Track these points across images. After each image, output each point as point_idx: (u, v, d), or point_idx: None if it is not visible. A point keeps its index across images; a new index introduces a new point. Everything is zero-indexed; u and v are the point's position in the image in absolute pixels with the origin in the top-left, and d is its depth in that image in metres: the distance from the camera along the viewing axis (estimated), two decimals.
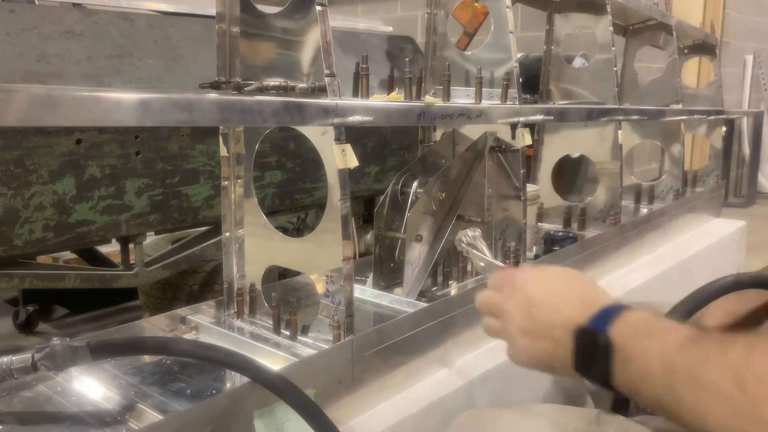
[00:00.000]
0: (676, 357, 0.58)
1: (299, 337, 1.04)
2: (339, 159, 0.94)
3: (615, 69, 1.79)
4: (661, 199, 2.30)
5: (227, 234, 1.14)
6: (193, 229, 2.09)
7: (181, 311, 1.14)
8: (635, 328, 0.63)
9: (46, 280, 1.69)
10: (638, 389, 0.61)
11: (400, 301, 1.23)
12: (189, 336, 1.10)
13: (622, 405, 0.86)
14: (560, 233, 1.70)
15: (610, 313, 0.64)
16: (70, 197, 1.59)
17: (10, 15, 1.58)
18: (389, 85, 1.31)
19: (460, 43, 2.73)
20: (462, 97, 1.46)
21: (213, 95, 0.84)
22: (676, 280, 1.90)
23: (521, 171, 1.38)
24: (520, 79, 1.39)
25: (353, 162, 0.95)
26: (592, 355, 0.64)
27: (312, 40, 0.95)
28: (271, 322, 1.07)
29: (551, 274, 0.76)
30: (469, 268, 1.39)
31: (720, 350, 0.56)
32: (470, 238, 1.11)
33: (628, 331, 0.62)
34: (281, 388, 0.80)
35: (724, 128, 2.74)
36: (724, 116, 2.68)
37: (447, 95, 1.27)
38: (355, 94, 1.11)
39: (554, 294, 0.72)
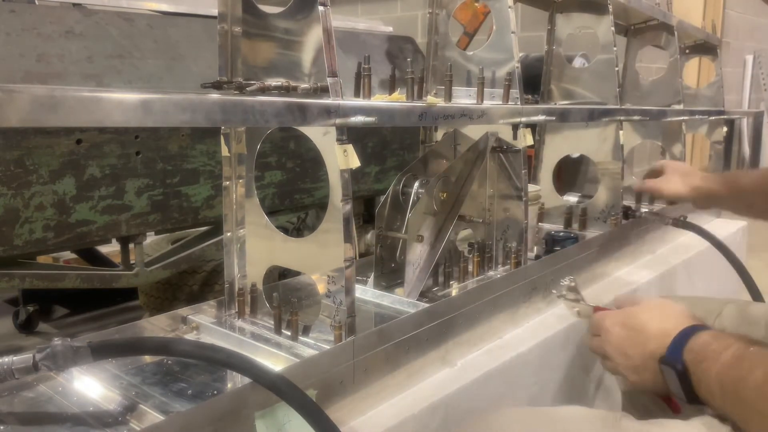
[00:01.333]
0: (725, 378, 0.68)
1: (300, 338, 1.04)
2: (341, 159, 0.93)
3: (616, 69, 1.78)
4: (662, 199, 2.29)
5: (228, 234, 1.14)
6: (193, 229, 2.08)
7: (182, 311, 1.14)
8: (697, 355, 0.73)
9: (46, 280, 1.69)
10: (711, 405, 0.71)
11: (401, 302, 1.23)
12: (190, 336, 1.10)
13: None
14: (561, 233, 1.69)
15: (681, 342, 0.76)
16: (70, 197, 1.59)
17: (10, 15, 1.57)
18: (390, 86, 1.31)
19: (460, 43, 2.73)
20: (463, 98, 1.45)
21: (215, 95, 0.83)
22: (677, 280, 1.90)
23: (523, 171, 1.38)
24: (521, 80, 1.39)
25: (355, 162, 0.94)
26: (676, 381, 0.75)
27: (314, 40, 0.95)
28: (272, 323, 1.07)
29: (634, 312, 0.88)
30: (470, 268, 1.39)
31: (750, 368, 0.65)
32: (566, 288, 1.11)
33: (692, 358, 0.73)
34: (282, 389, 0.79)
35: (725, 128, 2.74)
36: (725, 116, 2.68)
37: (448, 95, 1.26)
38: (357, 94, 1.11)
39: (638, 332, 0.85)
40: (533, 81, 1.86)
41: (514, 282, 1.32)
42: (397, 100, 1.15)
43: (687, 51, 2.58)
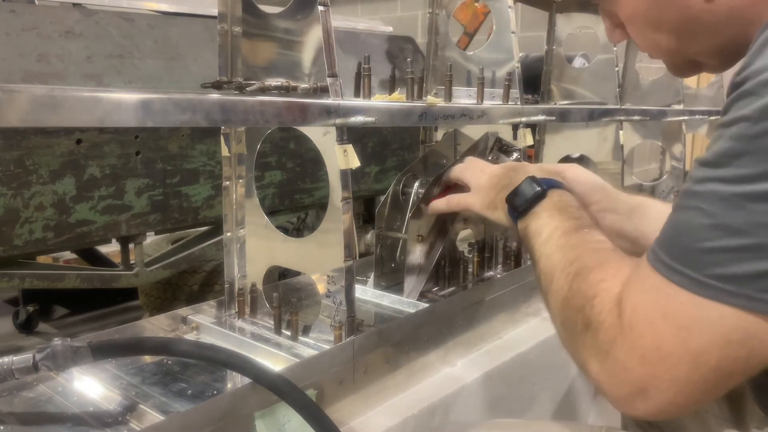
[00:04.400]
0: (557, 240, 0.75)
1: (300, 338, 1.04)
2: (341, 159, 0.93)
3: (616, 69, 1.78)
4: (662, 199, 2.30)
5: (228, 234, 1.14)
6: (193, 229, 2.09)
7: (182, 311, 1.14)
8: (558, 203, 0.81)
9: (46, 280, 1.69)
10: (526, 241, 0.81)
11: (401, 302, 1.23)
12: (190, 336, 1.10)
13: None
14: None
15: (555, 184, 0.84)
16: (70, 197, 1.59)
17: (10, 15, 1.58)
18: (390, 86, 1.30)
19: (460, 43, 2.73)
20: (464, 98, 1.45)
21: (215, 95, 0.83)
22: None
23: None
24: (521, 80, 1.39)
25: (355, 162, 0.94)
26: (525, 196, 0.83)
27: (314, 40, 0.95)
28: (272, 323, 1.07)
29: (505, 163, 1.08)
30: (470, 268, 1.39)
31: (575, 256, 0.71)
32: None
33: (553, 201, 0.81)
34: (282, 389, 0.79)
35: None
36: None
37: (449, 95, 1.26)
38: (357, 94, 1.11)
39: (508, 168, 0.99)
40: (533, 81, 1.86)
41: (514, 282, 1.32)
42: (397, 100, 1.15)
43: None
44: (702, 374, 0.55)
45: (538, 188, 0.83)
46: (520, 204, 0.84)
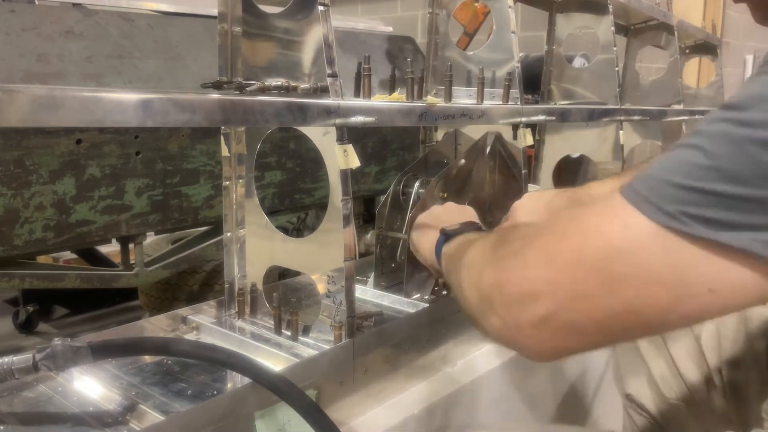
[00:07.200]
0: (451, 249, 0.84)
1: (300, 338, 1.04)
2: (341, 159, 0.93)
3: (616, 69, 1.78)
4: None
5: (228, 234, 1.14)
6: (193, 229, 2.08)
7: (182, 311, 1.14)
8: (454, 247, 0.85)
9: (46, 280, 1.69)
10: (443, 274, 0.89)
11: (402, 302, 1.23)
12: (190, 336, 1.10)
13: None
14: None
15: (463, 227, 0.90)
16: (70, 197, 1.59)
17: (10, 15, 1.57)
18: (390, 86, 1.30)
19: (460, 43, 2.73)
20: (463, 98, 1.45)
21: (215, 95, 0.83)
22: None
23: (523, 171, 1.38)
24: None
25: (355, 162, 0.94)
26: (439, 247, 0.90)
27: (314, 40, 0.95)
28: (272, 323, 1.07)
29: (450, 206, 1.14)
30: None
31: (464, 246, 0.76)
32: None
33: (458, 240, 0.85)
34: (282, 389, 0.79)
35: None
36: None
37: (449, 95, 1.26)
38: (357, 94, 1.11)
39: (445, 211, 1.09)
40: (533, 81, 1.86)
41: None
42: (397, 100, 1.15)
43: (687, 51, 2.58)
44: (608, 306, 0.48)
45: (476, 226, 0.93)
46: (452, 231, 0.90)
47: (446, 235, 0.89)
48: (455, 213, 1.06)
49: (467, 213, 1.08)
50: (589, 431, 0.96)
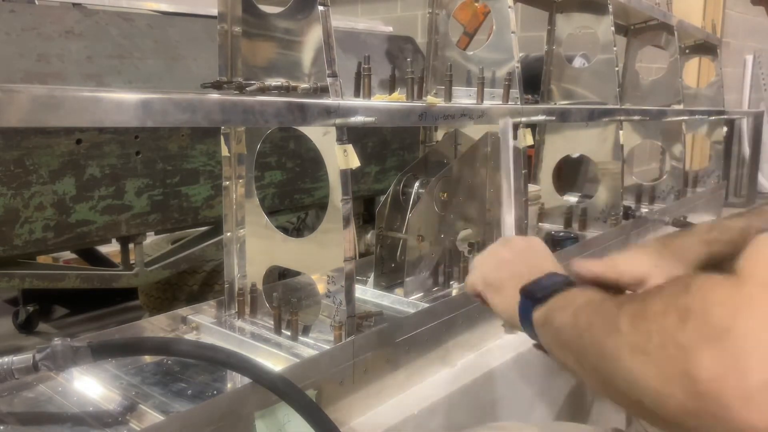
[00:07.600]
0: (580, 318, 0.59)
1: (300, 338, 1.04)
2: (341, 159, 0.93)
3: (616, 69, 1.78)
4: (661, 199, 2.30)
5: (228, 234, 1.14)
6: (193, 229, 2.08)
7: (182, 311, 1.14)
8: (557, 302, 0.67)
9: (46, 280, 1.69)
10: (548, 348, 0.68)
11: (401, 302, 1.23)
12: (190, 336, 1.10)
13: None
14: (561, 233, 1.69)
15: (551, 285, 0.70)
16: (70, 197, 1.59)
17: (10, 15, 1.57)
18: (390, 86, 1.30)
19: (460, 43, 2.73)
20: (463, 97, 1.45)
21: (215, 95, 0.83)
22: None
23: (523, 171, 1.38)
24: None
25: (355, 162, 0.94)
26: (527, 314, 0.71)
27: (314, 40, 0.95)
28: (272, 323, 1.07)
29: (515, 242, 0.86)
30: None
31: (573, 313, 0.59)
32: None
33: (557, 304, 0.66)
34: (282, 389, 0.79)
35: (725, 128, 2.74)
36: (725, 116, 2.68)
37: (449, 95, 1.26)
38: (357, 94, 1.11)
39: (517, 253, 0.82)
40: (533, 81, 1.86)
41: None
42: (397, 100, 1.15)
43: (687, 51, 2.58)
44: None
45: (562, 278, 0.71)
46: (539, 291, 0.71)
47: (533, 299, 0.70)
48: (526, 254, 0.83)
49: (538, 251, 0.83)
50: (593, 428, 0.95)
